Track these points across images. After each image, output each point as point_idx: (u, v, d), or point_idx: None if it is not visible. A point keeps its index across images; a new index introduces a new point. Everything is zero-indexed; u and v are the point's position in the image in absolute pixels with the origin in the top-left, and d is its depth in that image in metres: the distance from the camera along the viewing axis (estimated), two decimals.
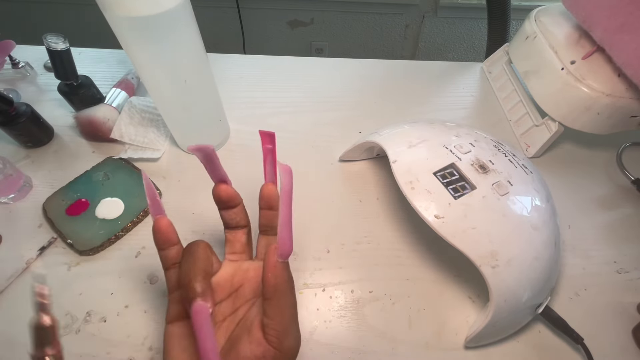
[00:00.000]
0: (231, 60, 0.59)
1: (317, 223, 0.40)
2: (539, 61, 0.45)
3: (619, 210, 0.43)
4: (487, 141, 0.35)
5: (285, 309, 0.23)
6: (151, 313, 0.34)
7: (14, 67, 0.54)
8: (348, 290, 0.36)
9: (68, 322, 0.33)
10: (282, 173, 0.22)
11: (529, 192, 0.31)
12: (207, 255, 0.25)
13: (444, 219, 0.29)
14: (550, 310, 0.32)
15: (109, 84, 0.50)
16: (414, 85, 0.57)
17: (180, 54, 0.35)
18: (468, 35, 1.45)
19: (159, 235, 0.26)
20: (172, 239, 0.26)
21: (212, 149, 0.25)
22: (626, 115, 0.40)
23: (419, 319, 0.34)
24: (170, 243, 0.26)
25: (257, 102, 0.53)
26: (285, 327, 0.23)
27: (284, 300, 0.22)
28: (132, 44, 0.33)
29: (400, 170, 0.32)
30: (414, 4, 1.33)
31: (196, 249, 0.24)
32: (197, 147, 0.24)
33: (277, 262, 0.22)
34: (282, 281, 0.22)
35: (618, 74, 0.39)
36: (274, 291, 0.22)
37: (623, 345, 0.34)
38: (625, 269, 0.38)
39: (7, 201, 0.40)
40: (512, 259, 0.28)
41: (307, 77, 0.57)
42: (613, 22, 0.38)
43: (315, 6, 1.36)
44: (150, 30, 0.31)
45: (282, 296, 0.22)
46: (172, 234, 0.26)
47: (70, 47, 0.43)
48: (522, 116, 0.50)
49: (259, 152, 0.47)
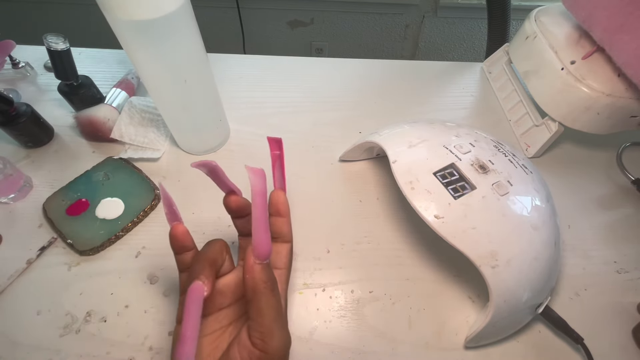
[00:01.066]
0: (231, 60, 0.59)
1: (317, 223, 0.40)
2: (539, 61, 0.45)
3: (619, 210, 0.43)
4: (487, 141, 0.35)
5: (266, 310, 0.23)
6: (151, 313, 0.34)
7: (14, 67, 0.54)
8: (348, 290, 0.36)
9: (68, 322, 0.33)
10: (252, 176, 0.22)
11: (529, 192, 0.31)
12: (220, 249, 0.26)
13: (443, 219, 0.29)
14: (550, 310, 0.32)
15: (109, 84, 0.50)
16: (414, 85, 0.57)
17: (180, 55, 0.35)
18: (468, 35, 1.45)
19: (175, 241, 0.27)
20: (188, 245, 0.27)
21: (214, 164, 0.26)
22: (626, 115, 0.40)
23: (419, 319, 0.34)
24: (186, 249, 0.27)
25: (257, 102, 0.53)
26: (268, 328, 0.23)
27: (264, 302, 0.23)
28: (132, 45, 0.33)
29: (400, 170, 0.32)
30: (414, 4, 1.33)
31: (213, 243, 0.26)
32: (200, 163, 0.25)
33: (254, 264, 0.22)
34: (260, 282, 0.22)
35: (618, 74, 0.39)
36: (253, 293, 0.23)
37: (623, 345, 0.34)
38: (625, 269, 0.38)
39: (7, 201, 0.40)
40: (512, 259, 0.28)
41: (307, 77, 0.57)
42: (613, 22, 0.38)
43: (315, 6, 1.36)
44: (151, 33, 0.31)
45: (262, 297, 0.22)
46: (188, 241, 0.27)
47: (70, 47, 0.43)
48: (522, 116, 0.50)
49: (259, 152, 0.48)
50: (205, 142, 0.46)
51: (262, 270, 0.22)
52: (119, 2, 0.29)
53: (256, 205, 0.22)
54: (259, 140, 0.48)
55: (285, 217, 0.30)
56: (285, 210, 0.30)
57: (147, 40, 0.32)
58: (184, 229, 0.27)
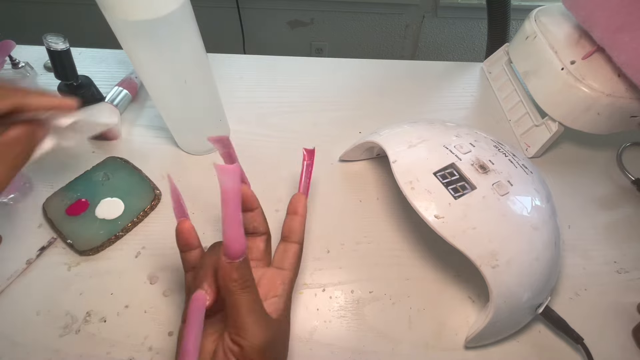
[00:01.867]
0: (231, 60, 0.59)
1: (317, 223, 0.40)
2: (539, 61, 0.45)
3: (619, 210, 0.43)
4: (487, 141, 0.35)
5: (238, 308, 0.23)
6: (151, 313, 0.34)
7: (14, 67, 0.54)
8: (348, 290, 0.36)
9: (68, 322, 0.33)
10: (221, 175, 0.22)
11: (529, 192, 0.31)
12: None
13: (444, 219, 0.29)
14: (550, 310, 0.32)
15: (109, 84, 0.50)
16: (414, 85, 0.57)
17: (180, 56, 0.35)
18: (468, 35, 1.45)
19: (180, 236, 0.27)
20: (193, 242, 0.28)
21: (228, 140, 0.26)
22: (626, 115, 0.40)
23: (419, 319, 0.34)
24: (191, 246, 0.28)
25: (257, 102, 0.53)
26: (240, 324, 0.23)
27: (234, 299, 0.23)
28: (132, 45, 0.33)
29: (400, 170, 0.32)
30: (414, 4, 1.33)
31: (217, 246, 0.26)
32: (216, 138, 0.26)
33: (224, 262, 0.22)
34: (230, 281, 0.23)
35: (618, 74, 0.39)
36: (225, 291, 0.23)
37: (623, 345, 0.34)
38: (625, 269, 0.38)
39: (7, 201, 0.40)
40: (512, 259, 0.28)
41: (307, 77, 0.57)
42: (613, 22, 0.38)
43: (315, 6, 1.36)
44: (151, 33, 0.31)
45: (232, 295, 0.23)
46: (193, 238, 0.28)
47: (70, 47, 0.43)
48: (522, 116, 0.50)
49: (259, 152, 0.48)
50: (205, 142, 0.45)
51: (232, 269, 0.22)
52: (118, 2, 0.29)
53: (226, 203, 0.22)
54: (259, 140, 0.48)
55: (300, 217, 0.31)
56: (302, 211, 0.31)
57: (147, 41, 0.32)
58: (190, 226, 0.27)
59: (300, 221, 0.31)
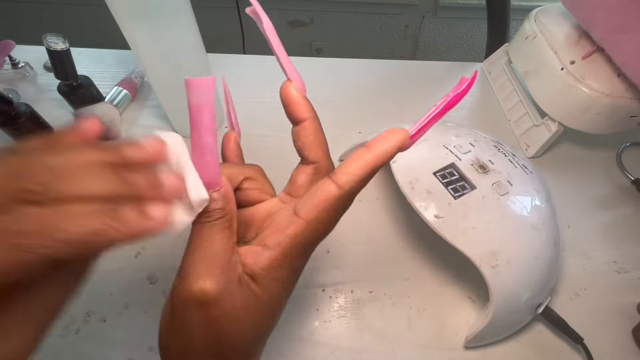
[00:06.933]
0: (231, 60, 0.59)
1: None
2: (539, 61, 0.45)
3: (619, 210, 0.43)
4: (487, 141, 0.35)
5: (191, 239, 0.19)
6: (151, 313, 0.34)
7: (14, 67, 0.54)
8: (348, 290, 0.36)
9: (67, 322, 0.33)
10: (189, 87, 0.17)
11: (529, 192, 0.31)
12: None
13: (443, 219, 0.29)
14: (550, 310, 0.32)
15: (108, 84, 0.50)
16: (414, 85, 0.57)
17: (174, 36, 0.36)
18: (468, 36, 1.45)
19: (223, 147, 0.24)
20: (229, 155, 0.24)
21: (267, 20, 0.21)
22: (626, 115, 0.40)
23: (419, 319, 0.34)
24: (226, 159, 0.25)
25: (257, 102, 0.53)
26: (182, 265, 0.19)
27: (194, 228, 0.19)
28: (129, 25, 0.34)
29: (400, 170, 0.32)
30: (413, 4, 1.33)
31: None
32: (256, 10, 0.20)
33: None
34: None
35: (618, 74, 0.39)
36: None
37: (623, 345, 0.34)
38: (625, 269, 0.38)
39: None
40: (512, 259, 0.28)
41: (307, 77, 0.57)
42: (612, 22, 0.38)
43: (315, 6, 1.36)
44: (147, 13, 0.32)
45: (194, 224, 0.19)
46: (230, 152, 0.25)
47: (70, 47, 0.43)
48: (522, 116, 0.50)
49: (259, 152, 0.48)
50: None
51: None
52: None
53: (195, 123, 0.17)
54: (259, 140, 0.48)
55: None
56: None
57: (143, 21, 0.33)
58: (235, 137, 0.25)
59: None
